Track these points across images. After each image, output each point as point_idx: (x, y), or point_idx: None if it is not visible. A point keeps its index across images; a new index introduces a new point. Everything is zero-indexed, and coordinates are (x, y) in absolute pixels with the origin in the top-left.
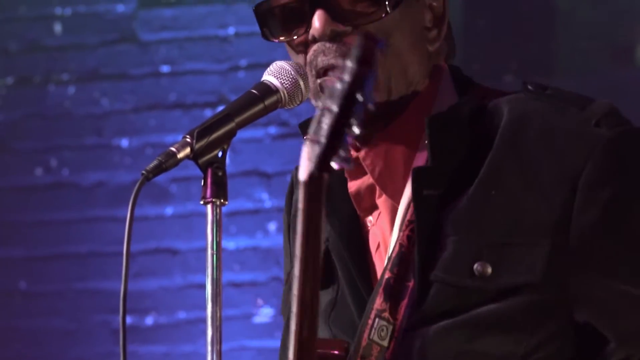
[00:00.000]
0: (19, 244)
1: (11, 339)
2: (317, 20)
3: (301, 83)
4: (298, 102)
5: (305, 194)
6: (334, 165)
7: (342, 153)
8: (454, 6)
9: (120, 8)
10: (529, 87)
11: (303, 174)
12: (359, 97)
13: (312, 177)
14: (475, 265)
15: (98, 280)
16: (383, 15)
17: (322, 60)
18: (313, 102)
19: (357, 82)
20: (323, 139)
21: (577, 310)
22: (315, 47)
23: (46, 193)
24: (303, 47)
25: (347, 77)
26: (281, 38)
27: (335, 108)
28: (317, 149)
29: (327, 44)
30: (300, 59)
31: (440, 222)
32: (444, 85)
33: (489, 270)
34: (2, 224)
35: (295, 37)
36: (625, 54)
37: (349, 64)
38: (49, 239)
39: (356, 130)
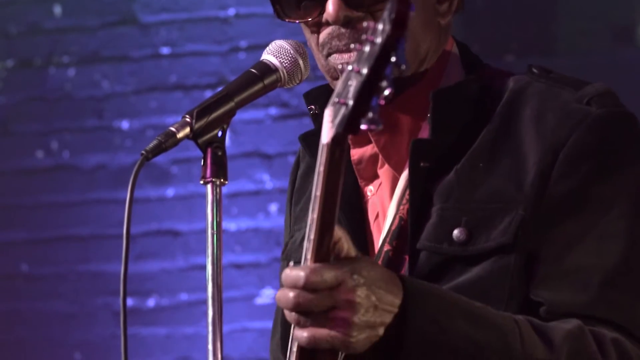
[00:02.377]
0: (20, 226)
1: (13, 321)
2: (331, 6)
3: (300, 62)
4: (297, 81)
5: (327, 156)
6: (363, 126)
7: (370, 115)
8: None
9: None
10: (534, 69)
11: (325, 137)
12: (393, 58)
13: (337, 139)
14: (455, 232)
15: (100, 263)
16: None
17: (335, 45)
18: (328, 78)
19: (391, 44)
20: (351, 101)
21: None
22: (329, 30)
23: (47, 176)
24: (316, 28)
25: (379, 40)
26: (294, 18)
27: (365, 70)
28: (343, 111)
29: (342, 29)
30: (313, 38)
31: (433, 193)
32: (452, 62)
33: (467, 235)
34: (3, 207)
35: (308, 19)
36: (625, 34)
37: (381, 26)
38: (50, 221)
39: (387, 92)
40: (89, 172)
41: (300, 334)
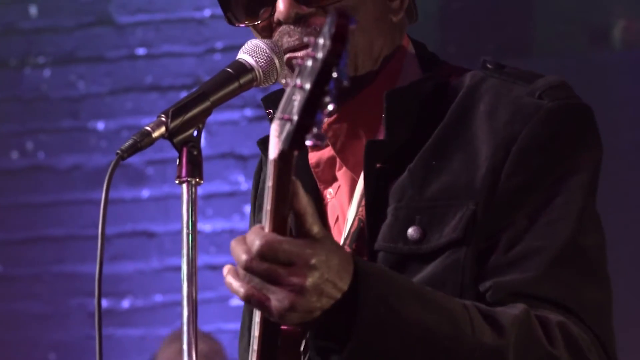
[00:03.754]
0: None
1: None
2: (282, 3)
3: (276, 61)
4: (273, 81)
5: (275, 171)
6: (308, 142)
7: (315, 130)
8: None
9: None
10: (488, 65)
11: (273, 152)
12: (334, 74)
13: (283, 155)
14: (409, 230)
15: (75, 264)
16: None
17: (287, 42)
18: (282, 81)
19: (332, 59)
20: (295, 117)
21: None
22: (280, 29)
23: (22, 176)
24: (268, 32)
25: (320, 55)
26: (246, 22)
27: (308, 85)
28: (288, 127)
29: (292, 26)
30: None
31: (387, 194)
32: (408, 61)
33: (421, 234)
34: None
35: (259, 21)
36: (601, 36)
37: (322, 41)
38: (25, 222)
39: (330, 107)
40: (64, 172)
41: (237, 287)
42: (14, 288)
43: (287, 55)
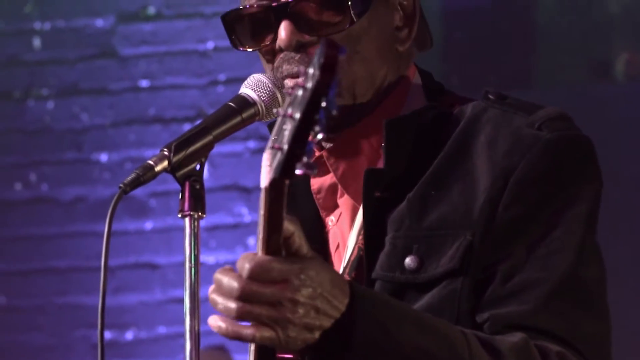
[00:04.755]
0: None
1: None
2: (283, 31)
3: (278, 95)
4: (275, 115)
5: (266, 200)
6: (298, 171)
7: (305, 159)
8: (432, 20)
9: (100, 23)
10: (490, 95)
11: (264, 181)
12: (323, 103)
13: (274, 184)
14: (406, 260)
15: (78, 295)
16: (348, 25)
17: (286, 69)
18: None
19: (321, 89)
20: (285, 146)
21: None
22: (281, 55)
23: (26, 208)
24: (271, 56)
25: (309, 84)
26: (248, 47)
27: (298, 115)
28: (279, 156)
29: (292, 54)
30: (268, 67)
31: (386, 223)
32: (413, 91)
33: (418, 263)
34: None
35: (262, 47)
36: (603, 69)
37: (311, 70)
38: (28, 253)
39: (320, 136)
40: (68, 204)
41: (223, 328)
42: (17, 319)
43: (287, 82)
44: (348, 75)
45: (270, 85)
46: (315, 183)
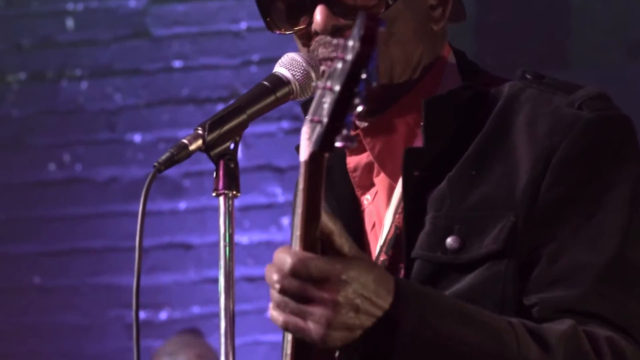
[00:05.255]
0: (33, 239)
1: (25, 334)
2: (319, 15)
3: (312, 74)
4: (310, 94)
5: (306, 173)
6: (337, 144)
7: (345, 132)
8: (466, 1)
9: (132, 3)
10: (527, 75)
11: (304, 154)
12: (363, 75)
13: (313, 157)
14: (448, 240)
15: (112, 275)
16: (384, 8)
17: (322, 52)
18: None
19: (361, 61)
20: (325, 119)
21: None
22: (317, 38)
23: (60, 188)
24: (306, 39)
25: (349, 57)
26: (284, 30)
27: (337, 87)
28: (318, 129)
29: (328, 37)
30: (304, 50)
31: (426, 202)
32: (448, 70)
33: (460, 243)
34: (16, 219)
35: (297, 30)
36: (639, 49)
37: (351, 43)
38: (62, 234)
39: (359, 108)
40: (102, 185)
41: (277, 316)
42: (52, 300)
43: (322, 66)
44: (385, 57)
45: (304, 64)
46: (352, 161)
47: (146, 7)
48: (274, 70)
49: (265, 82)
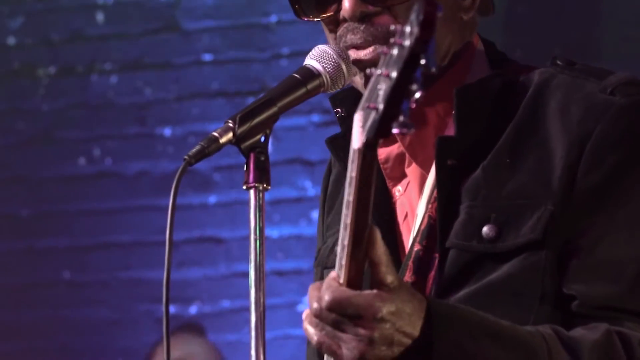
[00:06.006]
0: (62, 233)
1: (55, 329)
2: (347, 2)
3: (343, 67)
4: (340, 86)
5: (359, 161)
6: (394, 130)
7: (401, 118)
8: None
9: None
10: (558, 61)
11: (357, 142)
12: (422, 60)
13: (368, 144)
14: (484, 229)
15: (142, 270)
16: None
17: (350, 39)
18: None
19: (419, 46)
20: (381, 105)
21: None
22: (345, 25)
23: (89, 183)
24: (334, 26)
25: (407, 42)
26: (312, 16)
27: (394, 73)
28: (373, 115)
29: (356, 24)
30: (331, 37)
31: (460, 191)
32: (477, 59)
33: (496, 232)
34: (46, 214)
35: (325, 16)
36: None
37: (409, 28)
38: (92, 228)
39: (417, 94)
40: (131, 179)
41: (312, 334)
42: (81, 294)
43: (350, 53)
44: None
45: (335, 57)
46: (382, 153)
47: (176, 1)
48: (304, 63)
49: (296, 75)
